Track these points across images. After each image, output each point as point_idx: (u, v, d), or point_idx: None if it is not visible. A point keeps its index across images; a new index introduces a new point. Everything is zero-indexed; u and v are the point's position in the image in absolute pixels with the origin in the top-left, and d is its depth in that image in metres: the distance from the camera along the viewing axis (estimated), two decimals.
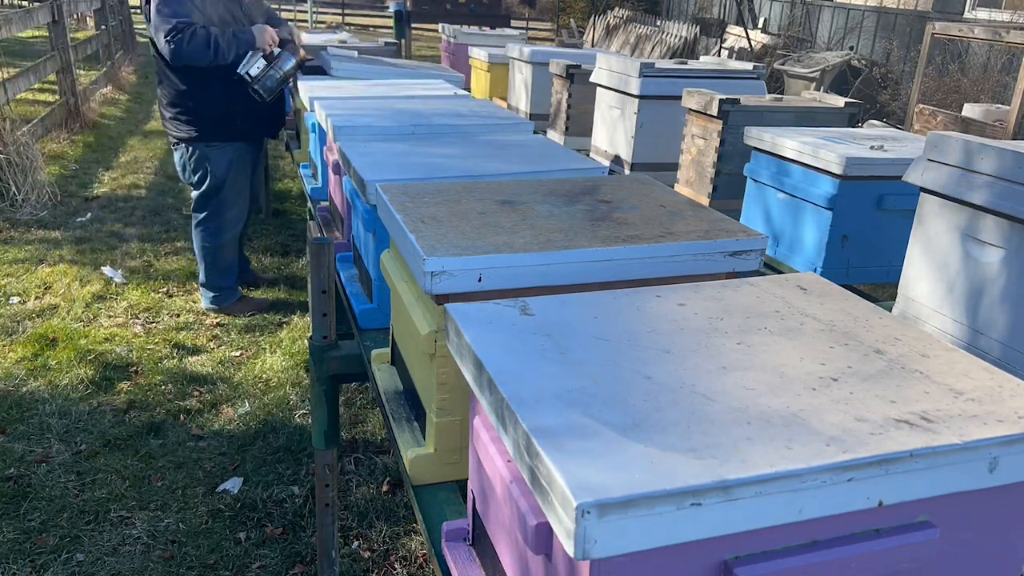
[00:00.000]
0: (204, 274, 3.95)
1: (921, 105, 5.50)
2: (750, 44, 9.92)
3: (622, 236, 1.35)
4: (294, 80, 3.68)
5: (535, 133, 2.51)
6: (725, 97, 2.61)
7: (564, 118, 3.75)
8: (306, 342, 3.13)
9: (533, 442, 0.76)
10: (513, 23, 16.74)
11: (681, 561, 0.74)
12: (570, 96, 3.70)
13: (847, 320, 1.08)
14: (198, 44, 3.38)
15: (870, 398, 0.87)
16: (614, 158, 3.27)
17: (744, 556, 0.75)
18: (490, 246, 1.27)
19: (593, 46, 12.78)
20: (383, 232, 1.74)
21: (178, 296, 4.22)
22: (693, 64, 3.30)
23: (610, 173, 2.02)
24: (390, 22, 7.26)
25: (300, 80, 3.42)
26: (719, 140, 2.64)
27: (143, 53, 12.64)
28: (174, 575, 2.36)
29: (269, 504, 2.68)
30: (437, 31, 6.57)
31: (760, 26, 11.10)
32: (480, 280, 1.23)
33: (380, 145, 2.16)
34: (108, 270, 4.42)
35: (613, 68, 3.20)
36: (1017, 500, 0.85)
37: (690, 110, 2.78)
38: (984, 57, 7.55)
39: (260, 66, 3.51)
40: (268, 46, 3.57)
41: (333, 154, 2.47)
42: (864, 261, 2.25)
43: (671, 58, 7.24)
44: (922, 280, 1.79)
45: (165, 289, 4.27)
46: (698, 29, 11.44)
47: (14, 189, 5.31)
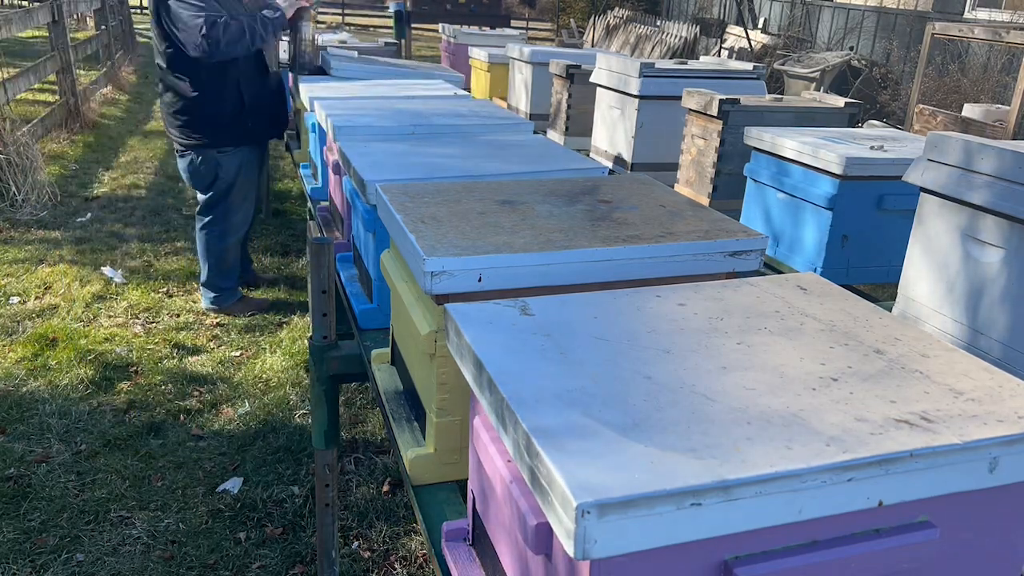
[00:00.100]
0: (206, 275, 3.95)
1: (921, 105, 5.50)
2: (750, 44, 9.92)
3: (622, 236, 1.35)
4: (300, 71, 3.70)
5: (535, 133, 2.51)
6: (725, 97, 2.61)
7: (564, 118, 3.75)
8: (306, 342, 3.13)
9: (533, 442, 0.76)
10: (513, 23, 16.76)
11: (681, 561, 0.74)
12: (570, 96, 3.70)
13: (847, 320, 1.08)
14: (232, 36, 3.35)
15: (870, 398, 0.87)
16: (614, 158, 3.27)
17: (744, 556, 0.75)
18: (490, 246, 1.27)
19: (593, 46, 12.78)
20: (383, 232, 1.74)
21: (178, 296, 4.21)
22: (693, 64, 3.30)
23: (610, 173, 2.02)
24: (390, 22, 7.25)
25: (300, 80, 3.42)
26: (719, 140, 2.64)
27: (143, 53, 12.65)
28: (174, 575, 2.36)
29: (269, 504, 2.68)
30: (437, 31, 6.56)
31: (760, 26, 11.10)
32: (480, 280, 1.23)
33: (380, 145, 2.16)
34: (108, 270, 4.42)
35: (613, 68, 3.20)
36: (1017, 500, 0.85)
37: (690, 110, 2.78)
38: (984, 57, 7.55)
39: (286, 48, 3.47)
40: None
41: (333, 154, 2.47)
42: (864, 261, 2.25)
43: (671, 58, 7.24)
44: (922, 280, 1.79)
45: (165, 289, 4.27)
46: (698, 29, 11.44)
47: (14, 189, 5.31)
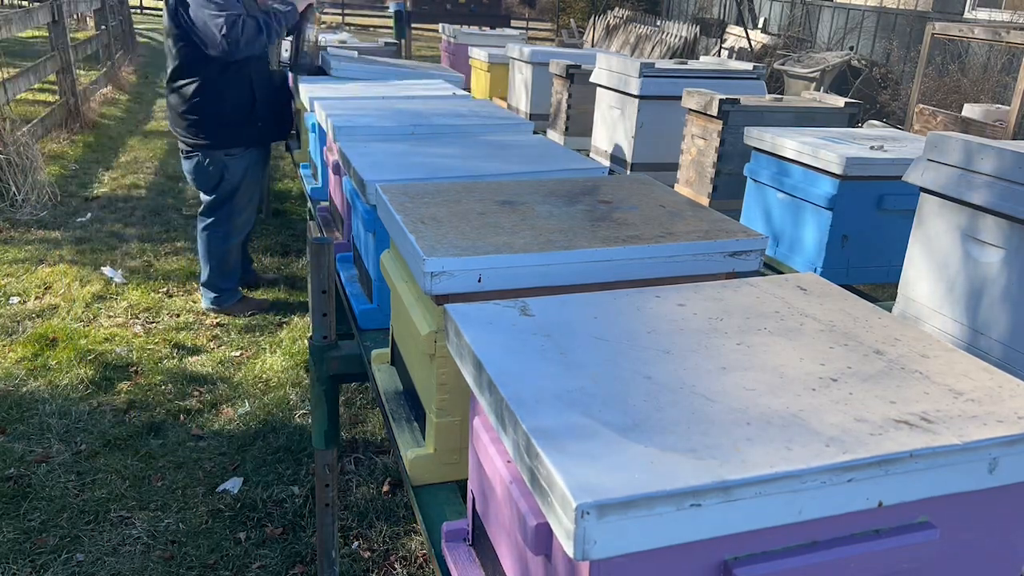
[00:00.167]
0: (206, 275, 3.95)
1: (921, 105, 5.50)
2: (750, 44, 9.91)
3: (622, 236, 1.35)
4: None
5: (535, 133, 2.51)
6: (725, 97, 2.61)
7: (564, 118, 3.75)
8: (306, 342, 3.13)
9: (533, 443, 0.76)
10: (513, 23, 16.76)
11: (681, 561, 0.74)
12: (570, 96, 3.70)
13: (847, 320, 1.08)
14: (251, 35, 3.39)
15: (870, 398, 0.87)
16: (614, 158, 3.27)
17: (744, 556, 0.75)
18: (490, 246, 1.27)
19: (593, 46, 12.78)
20: (383, 232, 1.74)
21: (178, 296, 4.21)
22: (693, 64, 3.30)
23: (610, 173, 2.02)
24: (390, 22, 7.25)
25: (300, 81, 3.42)
26: (719, 140, 2.64)
27: (143, 53, 12.66)
28: (174, 575, 2.36)
29: (269, 504, 2.68)
30: (437, 31, 6.56)
31: (760, 26, 11.10)
32: (480, 280, 1.23)
33: (380, 145, 2.16)
34: (108, 270, 4.42)
35: (613, 68, 3.20)
36: (1017, 500, 0.85)
37: (690, 110, 2.78)
38: (984, 57, 7.55)
39: (287, 47, 3.49)
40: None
41: (333, 154, 2.47)
42: (864, 261, 2.25)
43: (671, 58, 7.24)
44: (922, 280, 1.79)
45: (165, 289, 4.27)
46: (698, 29, 11.44)
47: (14, 189, 5.31)
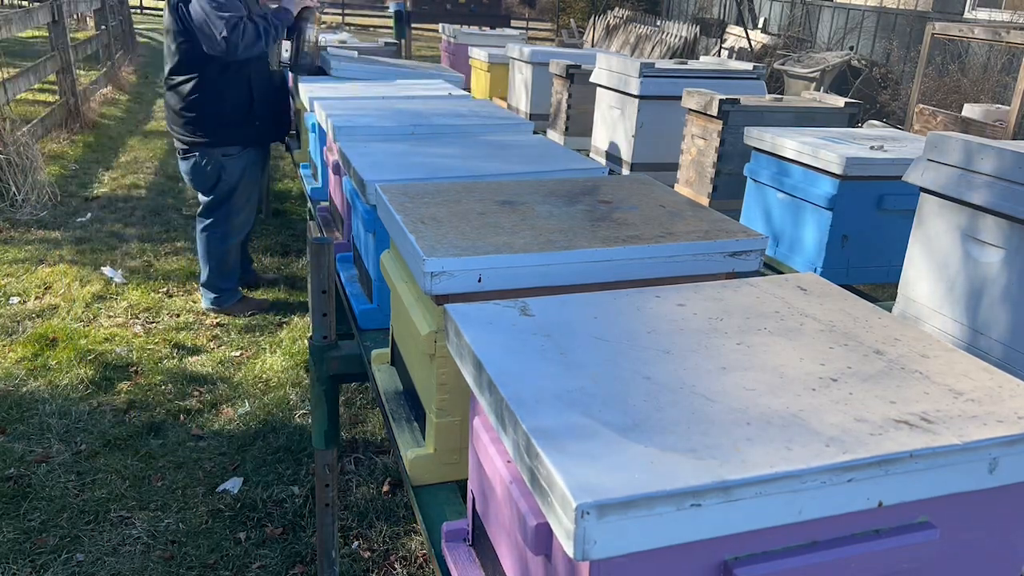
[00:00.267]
0: (206, 275, 3.95)
1: (921, 105, 5.50)
2: (750, 44, 9.91)
3: (622, 236, 1.35)
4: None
5: (535, 133, 2.51)
6: (725, 97, 2.61)
7: (564, 118, 3.75)
8: (306, 342, 3.13)
9: (533, 443, 0.76)
10: (513, 23, 16.76)
11: (681, 561, 0.74)
12: (570, 96, 3.70)
13: (847, 320, 1.08)
14: (250, 38, 3.41)
15: (870, 398, 0.87)
16: (614, 158, 3.27)
17: (744, 556, 0.75)
18: (490, 246, 1.27)
19: (593, 46, 12.78)
20: (383, 232, 1.74)
21: (178, 296, 4.21)
22: (693, 64, 3.30)
23: (610, 173, 2.02)
24: (390, 22, 7.25)
25: (300, 81, 3.42)
26: (719, 140, 2.64)
27: (143, 53, 12.65)
28: (174, 575, 2.36)
29: (269, 504, 2.68)
30: (437, 31, 6.56)
31: (760, 26, 11.10)
32: (480, 280, 1.23)
33: (380, 145, 2.16)
34: (108, 270, 4.42)
35: (613, 68, 3.20)
36: (1017, 500, 0.85)
37: (690, 110, 2.78)
38: (984, 57, 7.55)
39: (287, 47, 3.49)
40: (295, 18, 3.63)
41: (333, 154, 2.47)
42: (864, 261, 2.25)
43: (671, 58, 7.24)
44: (922, 280, 1.79)
45: (165, 289, 4.27)
46: (698, 29, 11.44)
47: (14, 189, 5.31)
